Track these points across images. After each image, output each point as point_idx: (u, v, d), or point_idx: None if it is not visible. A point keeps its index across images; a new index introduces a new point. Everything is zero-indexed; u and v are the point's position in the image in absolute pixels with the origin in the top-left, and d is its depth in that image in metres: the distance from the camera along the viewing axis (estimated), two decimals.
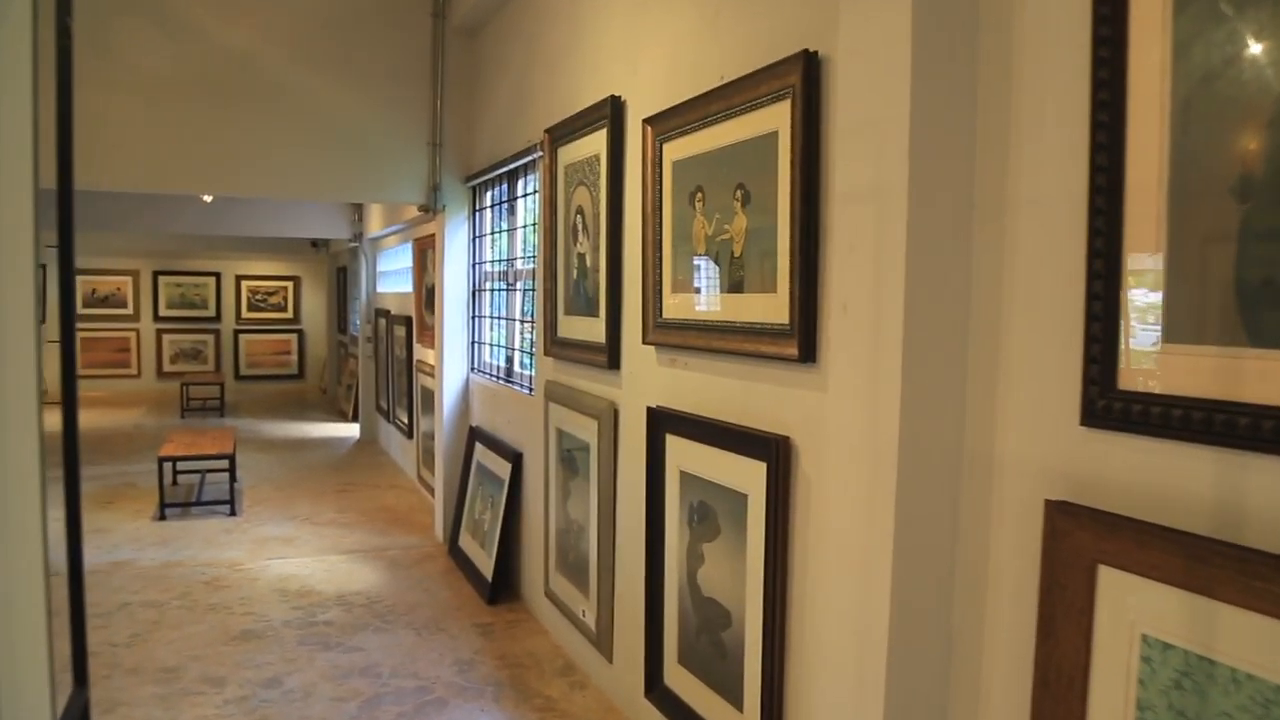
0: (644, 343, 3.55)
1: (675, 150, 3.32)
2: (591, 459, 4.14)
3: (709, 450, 3.11)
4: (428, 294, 7.86)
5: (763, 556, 2.79)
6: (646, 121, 3.48)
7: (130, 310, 15.87)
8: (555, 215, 4.62)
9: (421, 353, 8.21)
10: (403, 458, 9.30)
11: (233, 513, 7.36)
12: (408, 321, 8.77)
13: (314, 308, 16.67)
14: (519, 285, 5.71)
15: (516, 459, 5.32)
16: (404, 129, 6.28)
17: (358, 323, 11.65)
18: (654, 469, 3.48)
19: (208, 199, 9.78)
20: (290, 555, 6.28)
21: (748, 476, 2.87)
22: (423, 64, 6.27)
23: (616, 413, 3.93)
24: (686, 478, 3.27)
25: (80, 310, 15.47)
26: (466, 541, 6.00)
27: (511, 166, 5.51)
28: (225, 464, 7.57)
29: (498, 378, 5.93)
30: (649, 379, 3.61)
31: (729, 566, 3.00)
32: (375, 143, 6.22)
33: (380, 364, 10.51)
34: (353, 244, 11.47)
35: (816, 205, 2.56)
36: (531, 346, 5.34)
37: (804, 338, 2.58)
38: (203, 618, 5.07)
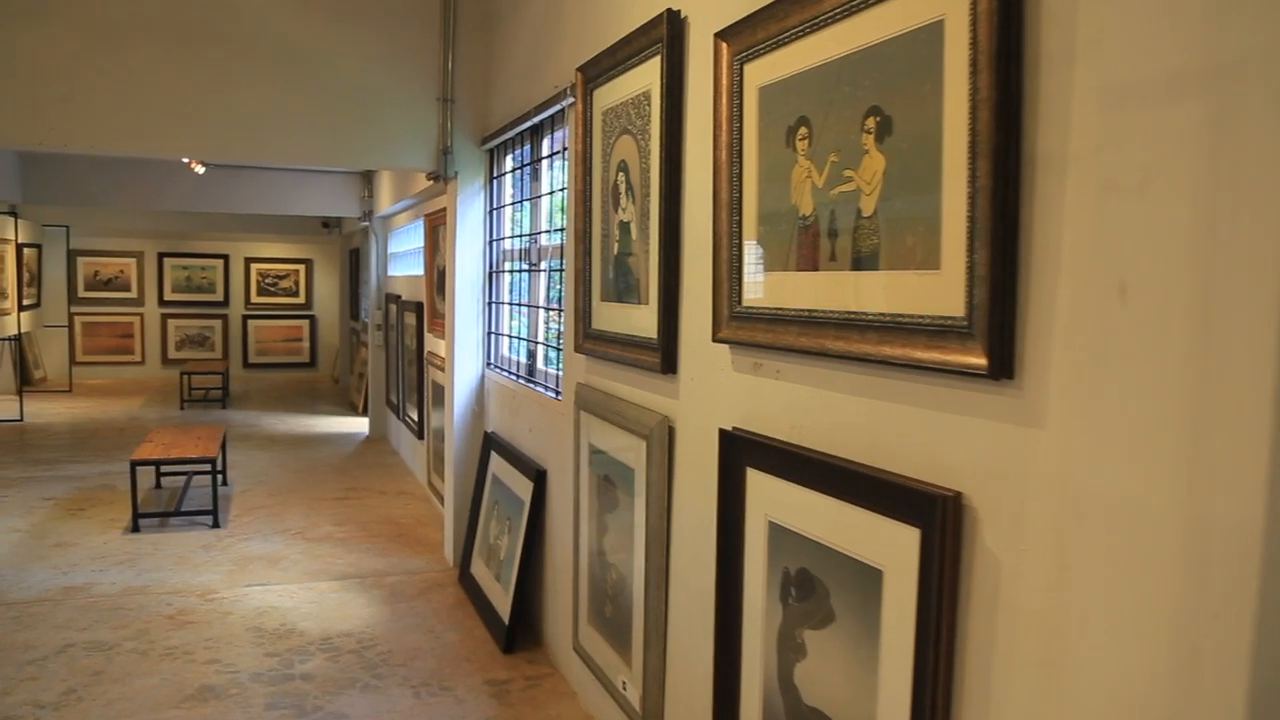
0: (714, 340, 2.59)
1: (763, 71, 2.35)
2: (637, 489, 3.19)
3: (817, 498, 2.15)
4: (439, 277, 6.93)
5: (910, 667, 1.83)
6: (720, 36, 2.51)
7: (134, 294, 15.07)
8: (589, 175, 3.67)
9: (433, 343, 7.29)
10: (412, 459, 8.40)
11: (215, 524, 6.47)
12: (418, 308, 7.85)
13: (327, 292, 15.81)
14: (543, 265, 4.77)
15: (539, 477, 4.38)
16: (409, 81, 5.34)
17: (369, 308, 10.76)
18: (729, 513, 2.53)
19: (199, 169, 8.89)
20: (273, 581, 5.37)
21: (884, 544, 1.91)
22: (431, 2, 5.31)
23: (672, 431, 2.97)
24: (780, 533, 2.31)
25: (82, 294, 14.71)
26: (479, 570, 5.07)
27: (535, 120, 4.56)
28: (209, 468, 6.66)
29: (518, 376, 4.99)
30: (721, 389, 2.65)
31: (849, 670, 2.04)
32: (375, 98, 5.27)
33: (390, 354, 9.61)
34: (364, 223, 10.56)
35: (1018, 123, 1.59)
36: (559, 340, 4.40)
37: (995, 338, 1.62)
38: (156, 666, 4.17)
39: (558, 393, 4.28)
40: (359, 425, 10.85)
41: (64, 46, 4.76)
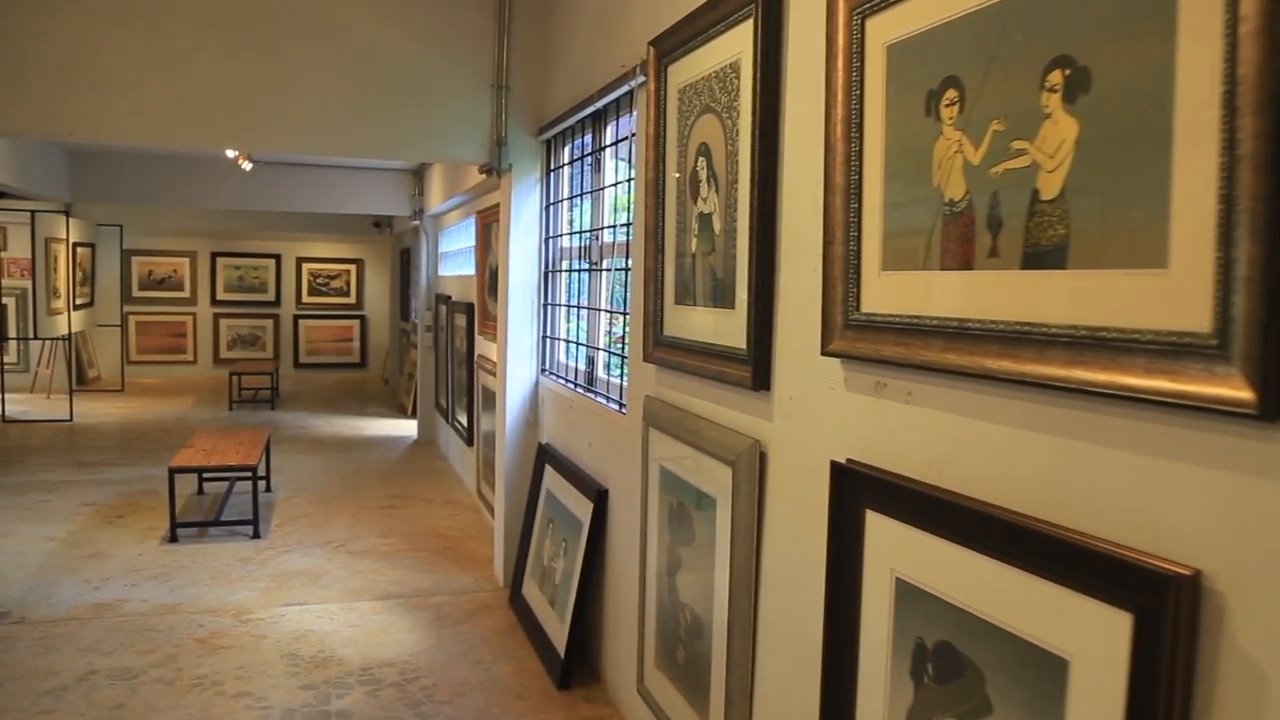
0: (824, 353, 2.15)
1: (892, 25, 1.91)
2: (719, 522, 2.76)
3: (966, 556, 1.70)
4: (491, 277, 6.56)
5: None
6: None
7: (187, 293, 14.95)
8: (663, 162, 3.24)
9: (483, 346, 6.92)
10: (461, 466, 8.04)
11: (256, 534, 6.15)
12: (468, 309, 7.49)
13: (377, 292, 15.58)
14: (605, 264, 4.36)
15: (600, 497, 3.97)
16: (461, 66, 4.96)
17: (419, 309, 10.44)
18: (841, 563, 2.09)
19: (247, 166, 8.62)
20: (313, 600, 5.02)
21: (1071, 626, 1.46)
22: None
23: (764, 458, 2.54)
24: (911, 593, 1.87)
25: (136, 293, 14.63)
26: (532, 592, 4.67)
27: (598, 106, 4.15)
28: (250, 476, 6.34)
29: (576, 385, 4.58)
30: (829, 412, 2.21)
31: None
32: (424, 85, 4.90)
33: (440, 356, 9.27)
34: (414, 222, 10.25)
35: None
36: (622, 346, 3.98)
37: (1265, 363, 1.17)
38: (182, 699, 3.82)
39: (622, 405, 3.86)
40: (407, 428, 10.54)
41: (94, 30, 4.45)
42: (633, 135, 3.83)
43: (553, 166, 5.07)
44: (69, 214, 11.47)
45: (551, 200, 5.06)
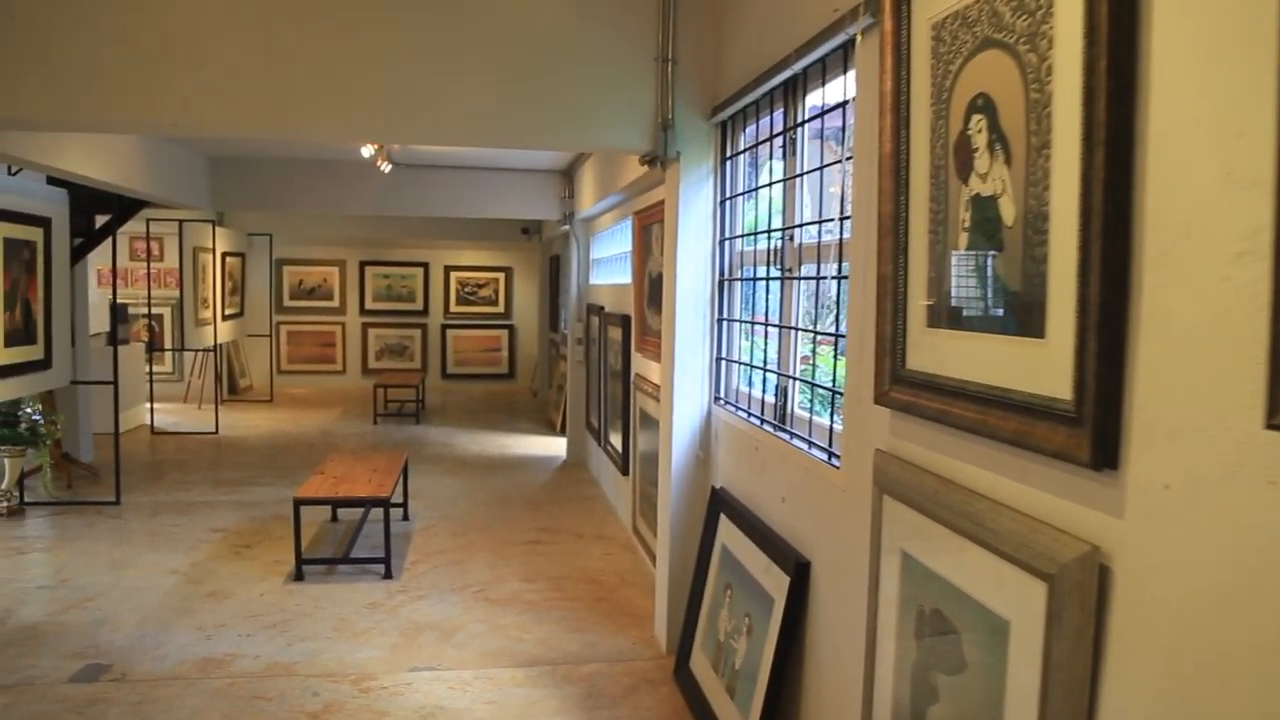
0: (1271, 425, 1.21)
1: None
2: (1014, 659, 1.81)
3: None
4: (651, 286, 5.74)
5: None
6: None
7: (337, 303, 14.80)
8: (904, 129, 2.33)
9: (642, 365, 6.11)
10: (615, 495, 7.26)
11: (388, 574, 5.51)
12: (624, 322, 6.70)
13: (526, 301, 15.08)
14: (800, 271, 3.46)
15: (799, 572, 3.06)
16: (618, 38, 4.15)
17: (569, 319, 9.77)
18: None
19: (386, 168, 8.10)
20: (445, 664, 4.29)
21: None
22: None
23: (1106, 578, 1.59)
24: None
25: (286, 302, 14.56)
26: (703, 670, 3.81)
27: (794, 70, 3.27)
28: (383, 504, 5.70)
29: (761, 421, 3.69)
30: (1268, 524, 1.25)
31: None
32: (575, 61, 4.12)
33: (592, 372, 8.54)
34: (564, 226, 9.58)
35: None
36: (833, 379, 3.07)
37: None
38: None
39: (832, 455, 2.95)
40: (556, 447, 9.87)
41: (193, 6, 3.85)
42: (848, 102, 2.92)
43: (729, 153, 4.20)
44: (217, 223, 11.34)
45: (728, 194, 4.20)
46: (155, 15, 3.81)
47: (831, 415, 3.00)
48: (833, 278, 3.00)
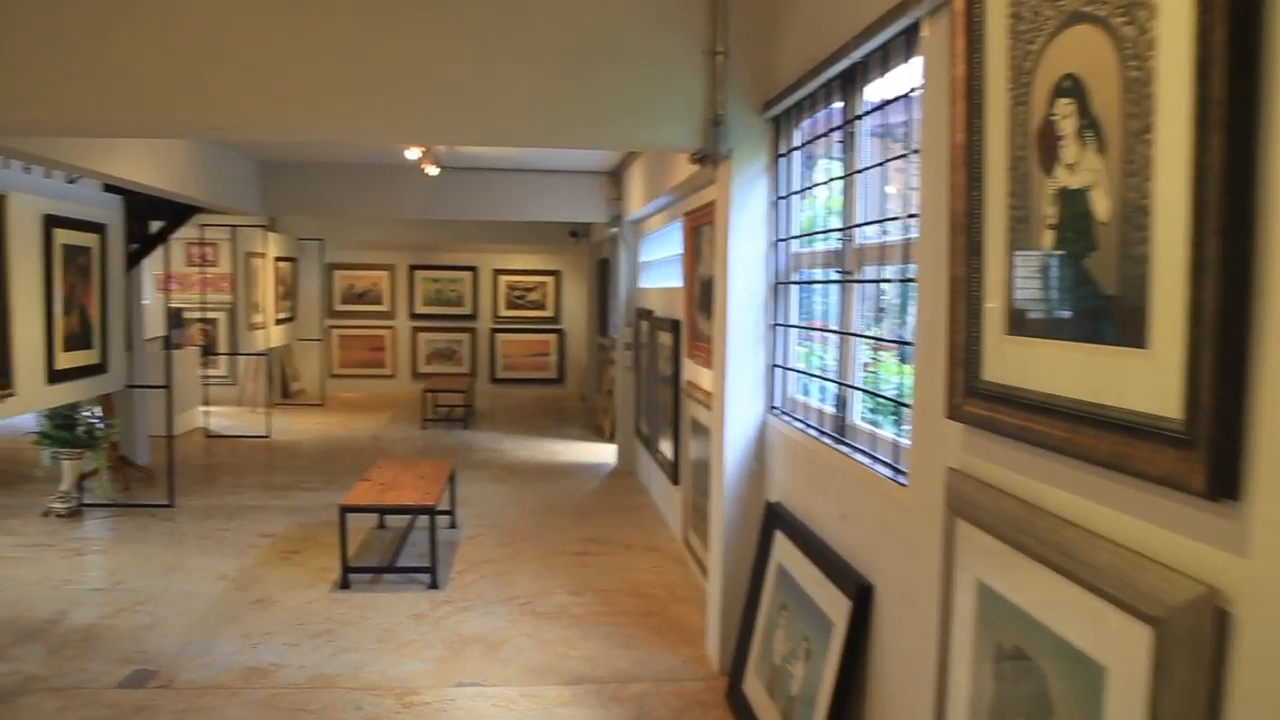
0: None
1: None
2: (1112, 711, 1.62)
3: None
4: (702, 290, 5.58)
5: None
6: None
7: (387, 307, 14.82)
8: (979, 120, 2.14)
9: (693, 371, 5.94)
10: (665, 505, 7.09)
11: (434, 584, 5.40)
12: (674, 327, 6.54)
13: (575, 305, 14.98)
14: (859, 273, 3.28)
15: (861, 595, 2.88)
16: (666, 29, 4.00)
17: (618, 324, 9.63)
18: None
19: (432, 172, 8.03)
20: (489, 680, 4.16)
21: None
22: None
23: (1224, 623, 1.39)
24: None
25: (337, 307, 14.62)
26: (757, 694, 3.63)
27: (850, 61, 3.10)
28: (429, 512, 5.59)
29: (820, 432, 3.51)
30: None
31: None
32: (620, 54, 3.96)
33: (641, 378, 8.39)
34: (612, 229, 9.45)
35: None
36: (898, 389, 2.88)
37: None
38: None
39: (898, 471, 2.76)
40: (605, 454, 9.73)
41: (241, 14, 3.77)
42: (913, 91, 2.74)
43: (782, 150, 4.03)
44: (269, 229, 11.39)
45: (781, 193, 4.02)
46: (198, 18, 3.74)
47: (896, 428, 2.81)
48: (898, 281, 2.80)
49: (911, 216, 2.66)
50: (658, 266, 8.28)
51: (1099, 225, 1.71)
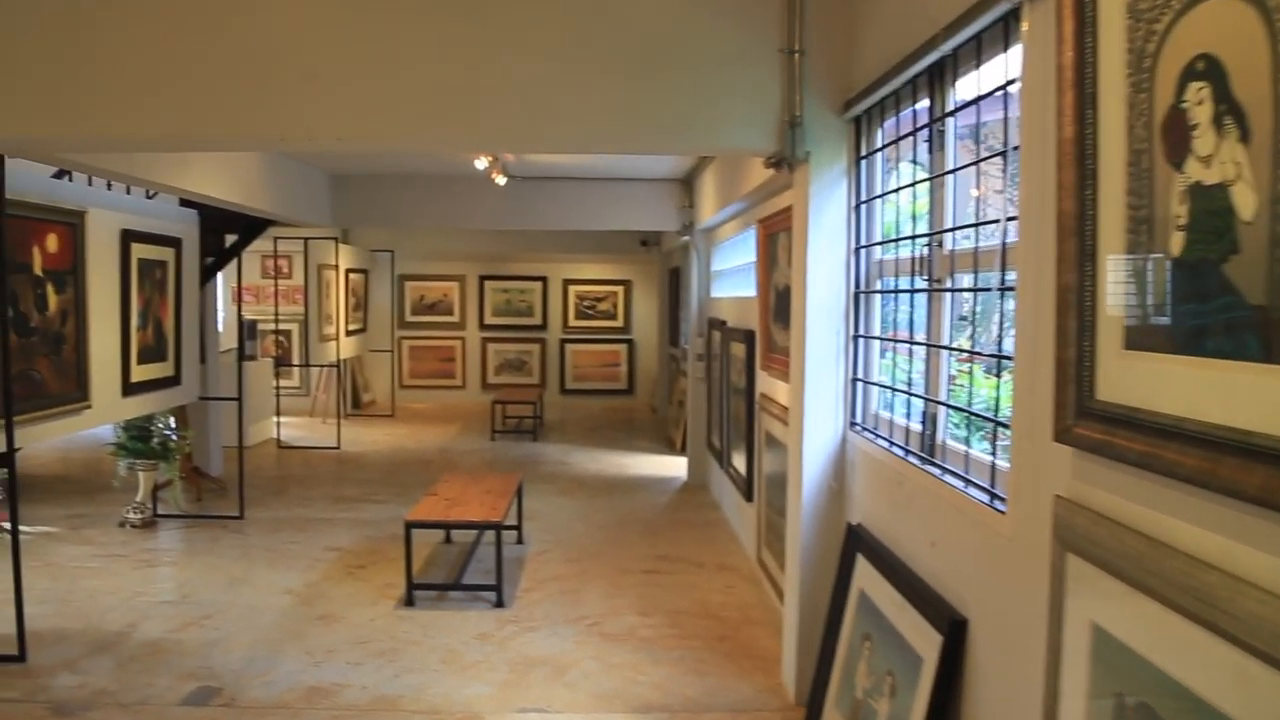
0: None
1: None
2: None
3: None
4: (778, 299, 5.37)
5: None
6: None
7: (456, 318, 14.85)
8: (1092, 111, 1.92)
9: (768, 384, 5.73)
10: (738, 522, 6.89)
11: (499, 603, 5.27)
12: (748, 338, 6.34)
13: (645, 315, 14.84)
14: (949, 282, 3.06)
15: (954, 629, 2.65)
16: (738, 27, 3.81)
17: (689, 334, 9.45)
18: None
19: (500, 181, 7.96)
20: (555, 706, 4.01)
21: None
22: None
23: None
24: None
25: (408, 318, 14.70)
26: None
27: (939, 54, 2.89)
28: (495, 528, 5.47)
29: (907, 451, 3.28)
30: None
31: None
32: (691, 54, 3.79)
33: (713, 390, 8.19)
34: (684, 238, 9.28)
35: None
36: (994, 406, 2.65)
37: None
38: None
39: (994, 496, 2.53)
40: (676, 467, 9.54)
41: (307, 25, 3.69)
42: (1010, 84, 2.52)
43: (863, 152, 3.82)
44: (341, 241, 11.47)
45: (863, 197, 3.81)
46: (265, 30, 3.67)
47: (994, 450, 2.58)
48: (999, 289, 2.57)
49: (1011, 219, 2.44)
50: (730, 275, 8.09)
51: (1242, 225, 1.49)
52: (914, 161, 3.47)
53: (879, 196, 3.73)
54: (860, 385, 3.81)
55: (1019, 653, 2.26)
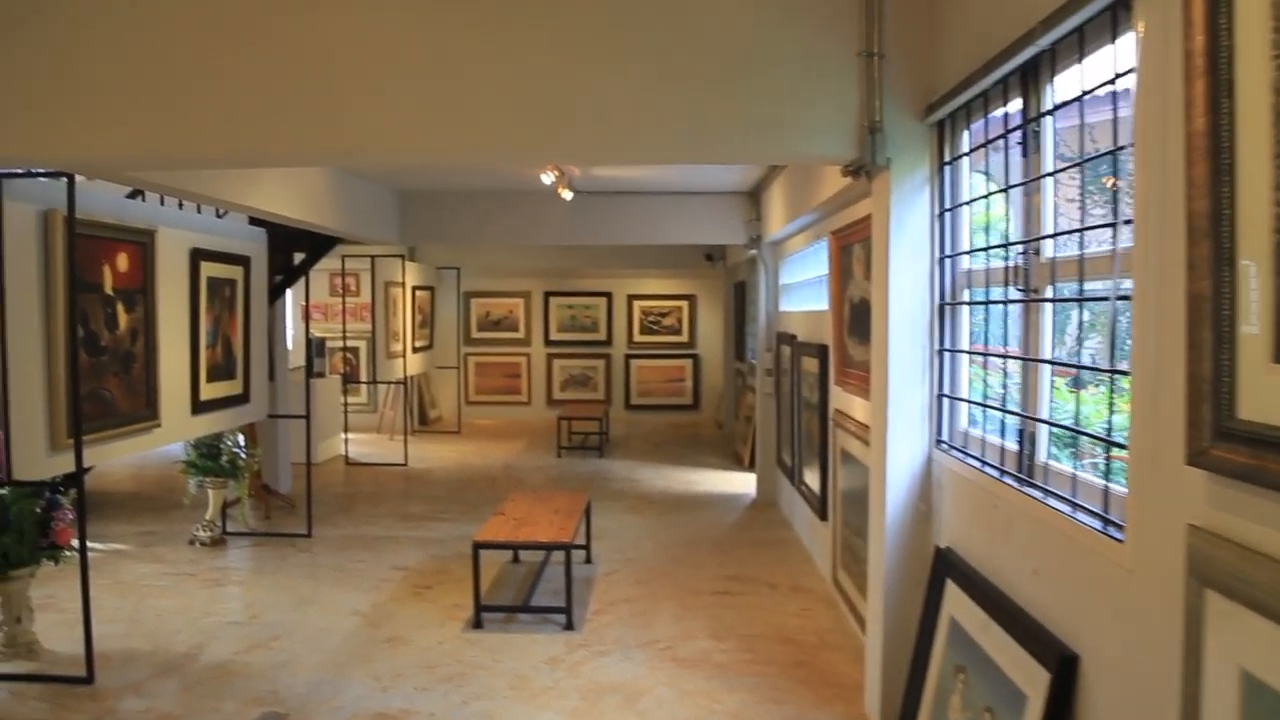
0: None
1: None
2: None
3: None
4: (853, 313, 5.18)
5: None
6: None
7: (522, 334, 14.84)
8: (1228, 100, 1.74)
9: (843, 400, 5.54)
10: (812, 540, 6.68)
11: (569, 625, 5.14)
12: (821, 352, 6.15)
13: (710, 330, 14.68)
14: (1049, 291, 2.86)
15: (1063, 666, 2.45)
16: (813, 30, 3.66)
17: (756, 349, 9.27)
18: None
19: (567, 196, 7.88)
20: None
21: None
22: None
23: None
24: None
25: (474, 334, 14.73)
26: None
27: (1036, 49, 2.70)
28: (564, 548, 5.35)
29: (1002, 472, 3.08)
30: None
31: None
32: (765, 63, 3.64)
33: (783, 406, 8.00)
34: (750, 251, 9.12)
35: None
36: (1109, 429, 2.45)
37: None
38: None
39: (1109, 523, 2.33)
40: (744, 484, 9.36)
41: (368, 39, 3.64)
42: (1120, 78, 2.33)
43: (947, 158, 3.63)
44: (407, 258, 11.52)
45: (948, 204, 3.62)
46: (330, 45, 3.62)
47: (1106, 472, 2.38)
48: (1114, 298, 2.38)
49: (1127, 223, 2.25)
50: (800, 289, 7.90)
51: None
52: (986, 173, 3.28)
53: (966, 203, 3.54)
54: (947, 401, 3.62)
55: (1142, 695, 2.06)
